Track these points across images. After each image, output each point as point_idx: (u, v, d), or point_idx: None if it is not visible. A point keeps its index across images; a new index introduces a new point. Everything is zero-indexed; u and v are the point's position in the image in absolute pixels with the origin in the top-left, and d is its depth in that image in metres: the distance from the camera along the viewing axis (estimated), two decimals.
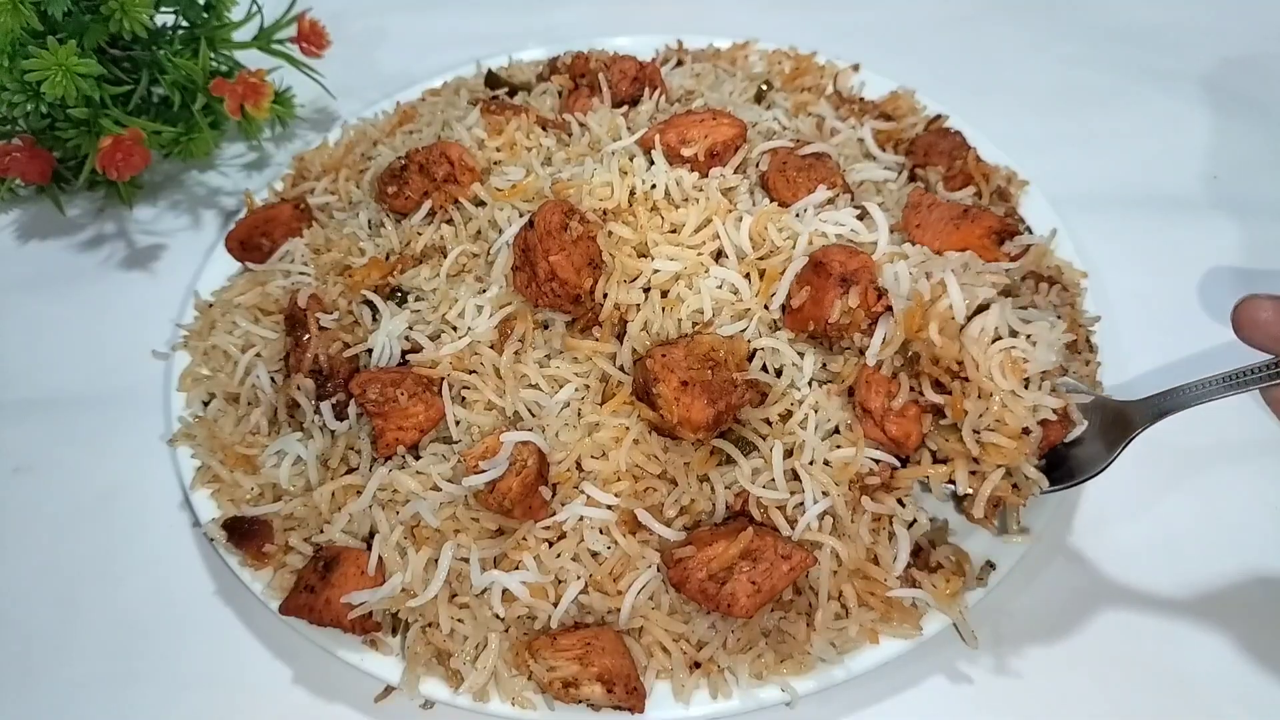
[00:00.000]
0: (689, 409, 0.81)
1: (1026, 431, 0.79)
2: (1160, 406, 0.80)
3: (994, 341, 0.78)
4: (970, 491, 0.81)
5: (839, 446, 0.84)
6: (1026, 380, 0.79)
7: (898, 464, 0.85)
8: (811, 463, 0.84)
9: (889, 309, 0.83)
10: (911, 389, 0.82)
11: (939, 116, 1.23)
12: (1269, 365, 0.71)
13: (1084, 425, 0.81)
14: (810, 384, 0.87)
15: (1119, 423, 0.82)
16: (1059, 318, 0.99)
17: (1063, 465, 0.83)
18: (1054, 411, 0.79)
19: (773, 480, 0.84)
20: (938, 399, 0.81)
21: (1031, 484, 0.81)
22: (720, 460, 0.86)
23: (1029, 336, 0.78)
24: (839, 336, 0.86)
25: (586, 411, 0.88)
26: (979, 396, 0.78)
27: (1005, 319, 0.79)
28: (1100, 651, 0.87)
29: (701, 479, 0.86)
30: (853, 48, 1.37)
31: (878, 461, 0.84)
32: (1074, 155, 1.36)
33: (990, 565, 0.86)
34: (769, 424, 0.86)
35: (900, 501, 0.85)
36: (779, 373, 0.88)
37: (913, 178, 1.13)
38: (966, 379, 0.79)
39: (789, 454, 0.85)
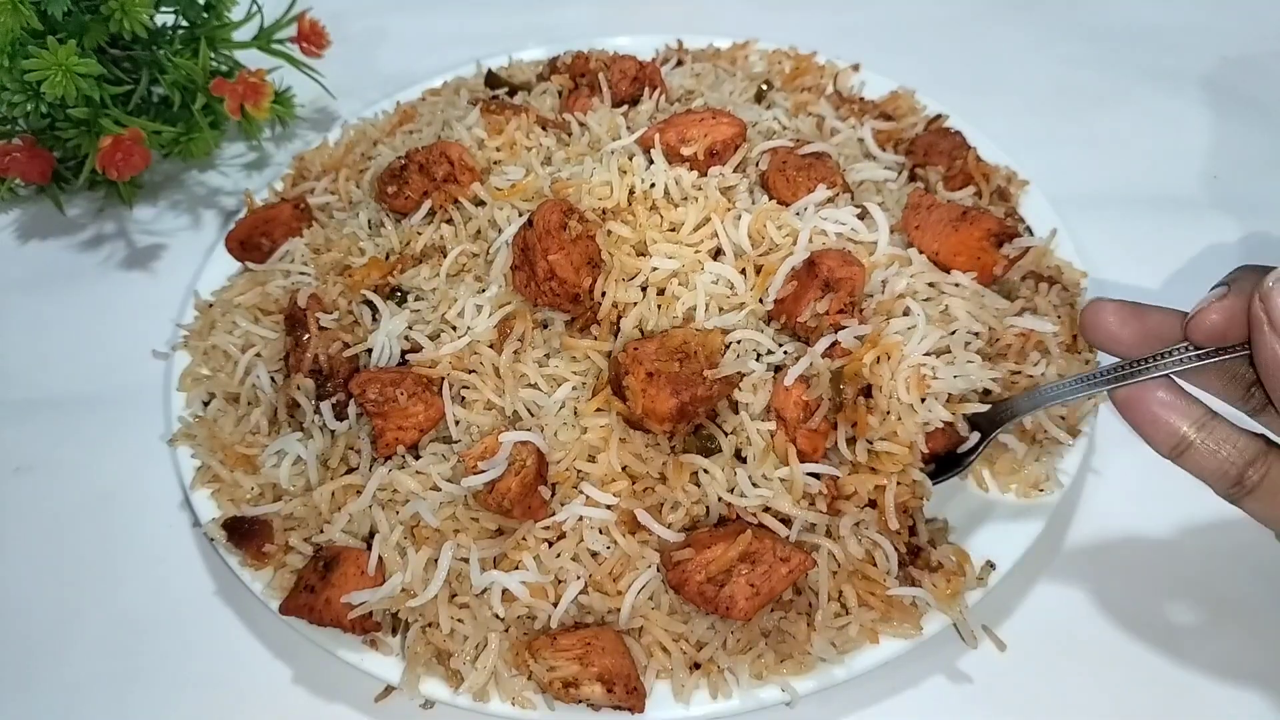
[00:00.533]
0: (654, 400, 0.81)
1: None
2: (1014, 409, 0.85)
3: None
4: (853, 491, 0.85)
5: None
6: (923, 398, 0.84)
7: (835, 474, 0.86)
8: (765, 477, 0.84)
9: (841, 327, 0.85)
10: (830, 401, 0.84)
11: (939, 116, 1.23)
12: (1118, 368, 0.71)
13: (974, 437, 0.86)
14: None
15: (991, 423, 0.87)
16: (1059, 318, 0.99)
17: (957, 465, 0.88)
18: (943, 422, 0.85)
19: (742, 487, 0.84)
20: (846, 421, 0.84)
21: (919, 486, 0.85)
22: (694, 469, 0.85)
23: (942, 363, 0.85)
24: (805, 336, 0.87)
25: (583, 410, 0.88)
26: (884, 411, 0.84)
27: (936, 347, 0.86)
28: (1100, 651, 0.87)
29: (694, 481, 0.86)
30: (853, 48, 1.37)
31: (818, 476, 0.84)
32: (1074, 155, 1.36)
33: (990, 565, 0.86)
34: (733, 413, 0.87)
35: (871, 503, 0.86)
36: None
37: (913, 177, 1.13)
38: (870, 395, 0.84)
39: (741, 458, 0.86)
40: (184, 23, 1.32)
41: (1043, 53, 1.56)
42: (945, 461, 0.89)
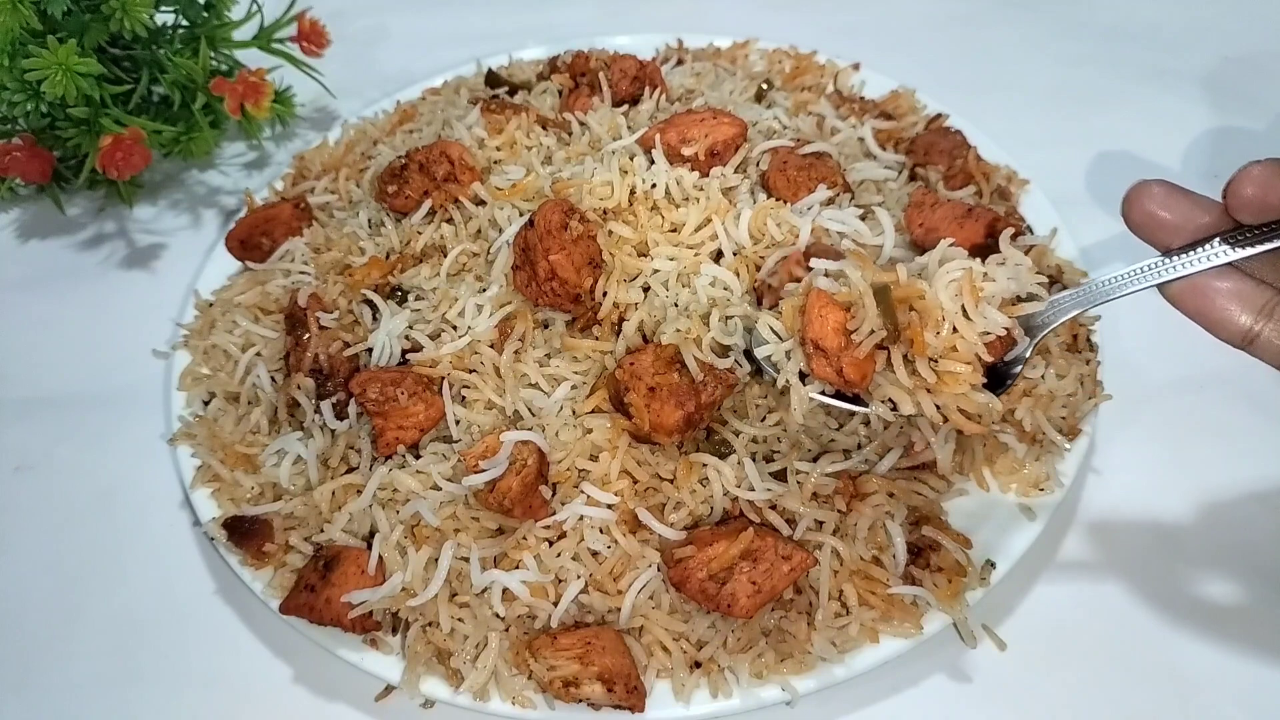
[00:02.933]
0: (659, 414, 0.82)
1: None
2: (1063, 307, 0.76)
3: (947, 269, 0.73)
4: (913, 412, 0.74)
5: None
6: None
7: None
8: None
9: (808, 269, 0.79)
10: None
11: (939, 115, 1.23)
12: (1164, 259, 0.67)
13: (1027, 344, 0.76)
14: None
15: (1037, 327, 0.77)
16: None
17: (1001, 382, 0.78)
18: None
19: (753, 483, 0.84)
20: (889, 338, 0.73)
21: (986, 408, 0.74)
22: (702, 472, 0.85)
23: (985, 274, 0.74)
24: (766, 297, 0.88)
25: (580, 410, 0.88)
26: (938, 324, 0.72)
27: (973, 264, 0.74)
28: (1101, 651, 0.87)
29: (701, 481, 0.86)
30: (853, 47, 1.37)
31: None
32: (1075, 154, 1.36)
33: (991, 564, 0.86)
34: (736, 416, 0.88)
35: (890, 494, 0.85)
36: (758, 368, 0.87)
37: (913, 176, 1.13)
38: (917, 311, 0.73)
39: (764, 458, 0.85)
40: (184, 22, 1.31)
41: (1043, 51, 1.56)
42: (990, 375, 0.77)
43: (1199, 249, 0.66)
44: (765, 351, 0.80)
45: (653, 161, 0.98)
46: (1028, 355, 0.76)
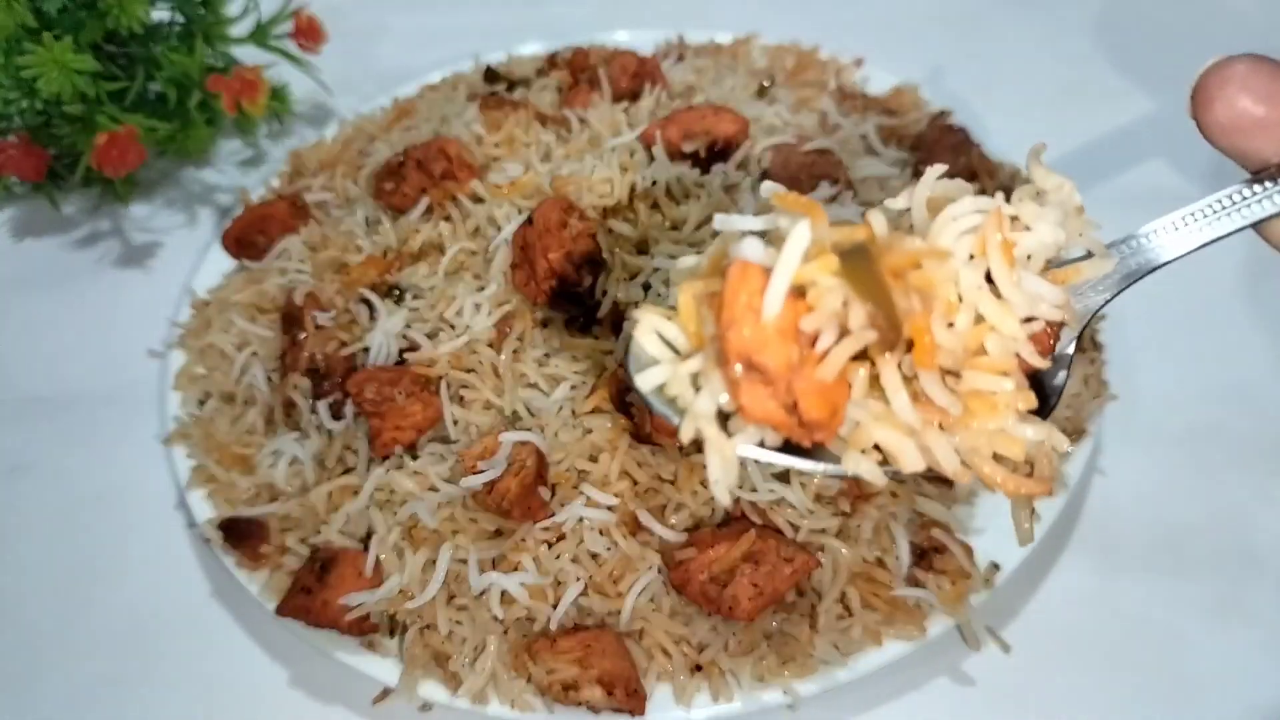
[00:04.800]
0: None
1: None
2: (1124, 269, 0.51)
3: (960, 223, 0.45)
4: (919, 469, 0.44)
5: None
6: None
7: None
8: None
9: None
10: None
11: (943, 112, 1.22)
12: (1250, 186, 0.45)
13: (1072, 334, 0.49)
14: None
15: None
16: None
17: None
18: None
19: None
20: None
21: (1045, 450, 0.46)
22: (704, 473, 0.84)
23: (1014, 217, 0.46)
24: None
25: (579, 409, 0.87)
26: (944, 314, 0.43)
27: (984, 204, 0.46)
28: (1106, 654, 0.86)
29: (703, 482, 0.85)
30: (856, 42, 1.36)
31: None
32: (1080, 152, 1.34)
33: (995, 566, 0.85)
34: None
35: (894, 494, 0.84)
36: None
37: (916, 174, 1.12)
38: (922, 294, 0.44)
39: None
40: (180, 18, 1.30)
41: (1049, 48, 1.55)
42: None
43: None
44: (652, 380, 0.46)
45: (653, 158, 0.97)
46: (1073, 350, 0.49)
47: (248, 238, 1.13)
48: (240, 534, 0.90)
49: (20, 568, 0.98)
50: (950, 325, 0.43)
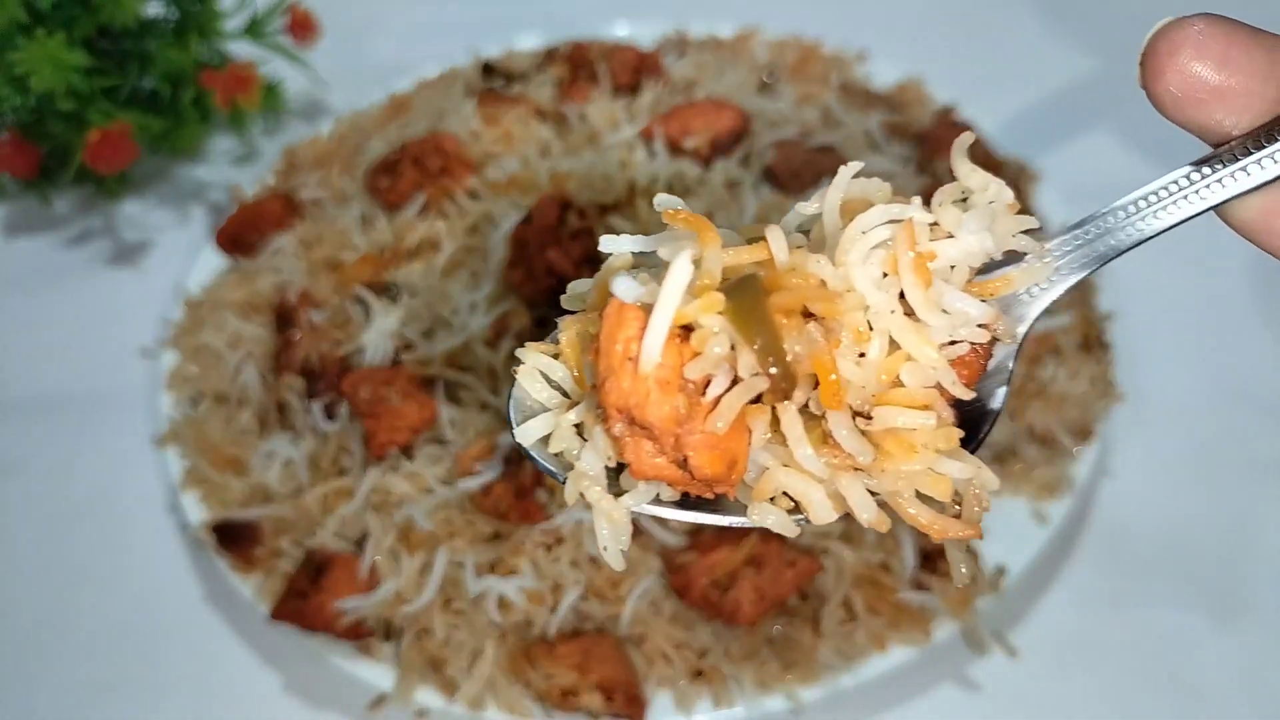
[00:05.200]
0: None
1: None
2: (1085, 257, 0.43)
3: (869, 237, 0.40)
4: (831, 519, 0.39)
5: None
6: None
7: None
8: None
9: None
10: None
11: (948, 109, 1.21)
12: (1217, 160, 0.39)
13: (1012, 346, 0.43)
14: None
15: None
16: (1071, 314, 0.96)
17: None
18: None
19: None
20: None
21: (972, 488, 0.39)
22: None
23: (932, 223, 0.40)
24: None
25: None
26: (855, 340, 0.38)
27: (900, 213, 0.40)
28: (1113, 659, 0.85)
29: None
30: (859, 36, 1.35)
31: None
32: (1088, 148, 1.33)
33: (1002, 571, 0.83)
34: None
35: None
36: None
37: (920, 170, 1.11)
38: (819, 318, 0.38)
39: None
40: (174, 14, 1.29)
41: (1055, 42, 1.54)
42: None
43: None
44: (533, 433, 0.41)
45: (654, 154, 0.96)
46: (1013, 365, 0.43)
47: (241, 235, 1.11)
48: (234, 537, 0.88)
49: (9, 571, 0.97)
50: (862, 356, 0.38)
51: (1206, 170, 0.40)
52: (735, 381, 0.37)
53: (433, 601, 0.81)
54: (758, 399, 0.37)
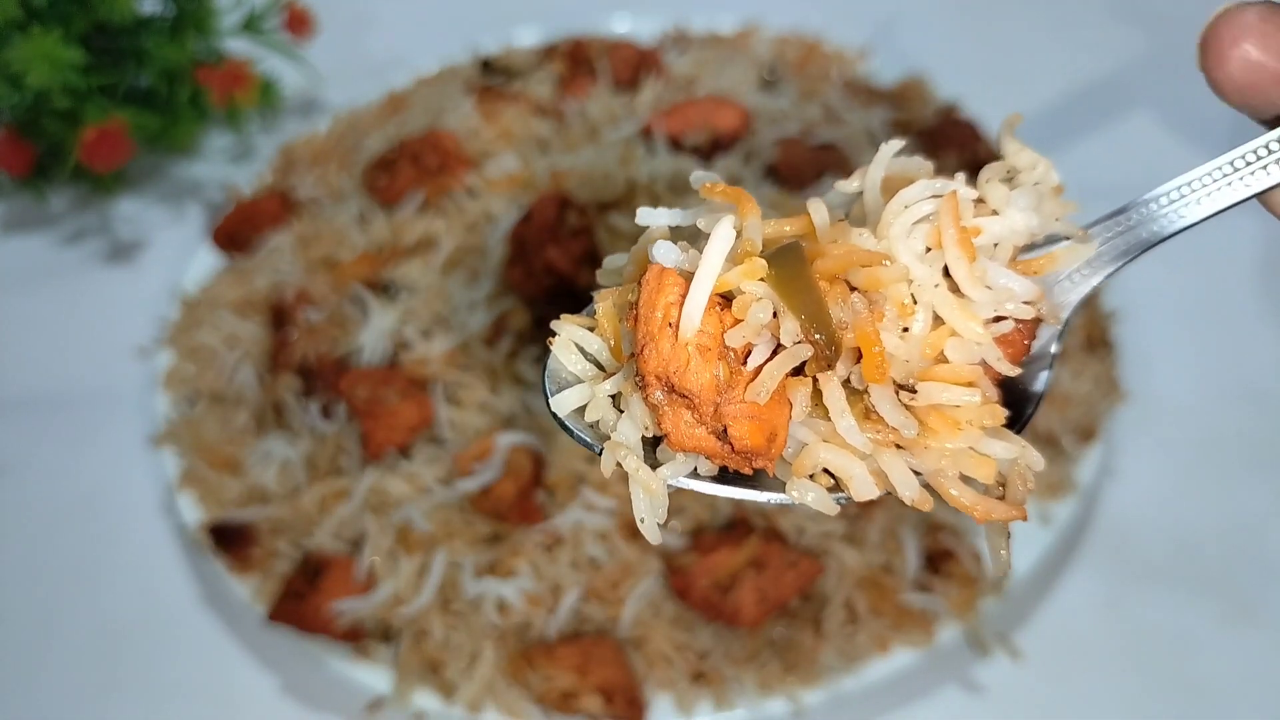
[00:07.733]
0: None
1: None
2: (1125, 245, 0.43)
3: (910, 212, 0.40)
4: (874, 495, 0.38)
5: None
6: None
7: None
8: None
9: None
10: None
11: (952, 106, 1.20)
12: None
13: (1056, 329, 0.43)
14: None
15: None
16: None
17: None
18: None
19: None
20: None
21: (1017, 469, 0.39)
22: None
23: (977, 199, 0.41)
24: None
25: None
26: (897, 318, 0.38)
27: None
28: (1118, 660, 0.84)
29: None
30: (861, 33, 1.34)
31: None
32: (1093, 146, 1.32)
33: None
34: None
35: None
36: None
37: None
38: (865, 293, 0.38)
39: None
40: (170, 11, 1.28)
41: (1060, 39, 1.53)
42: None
43: None
44: (568, 404, 0.41)
45: (654, 151, 0.95)
46: (1056, 349, 0.42)
47: (238, 234, 1.11)
48: (230, 538, 0.88)
49: (3, 570, 0.96)
50: (905, 331, 0.37)
51: (1251, 156, 0.40)
52: (776, 352, 0.36)
53: (431, 603, 0.80)
54: (799, 370, 0.37)
